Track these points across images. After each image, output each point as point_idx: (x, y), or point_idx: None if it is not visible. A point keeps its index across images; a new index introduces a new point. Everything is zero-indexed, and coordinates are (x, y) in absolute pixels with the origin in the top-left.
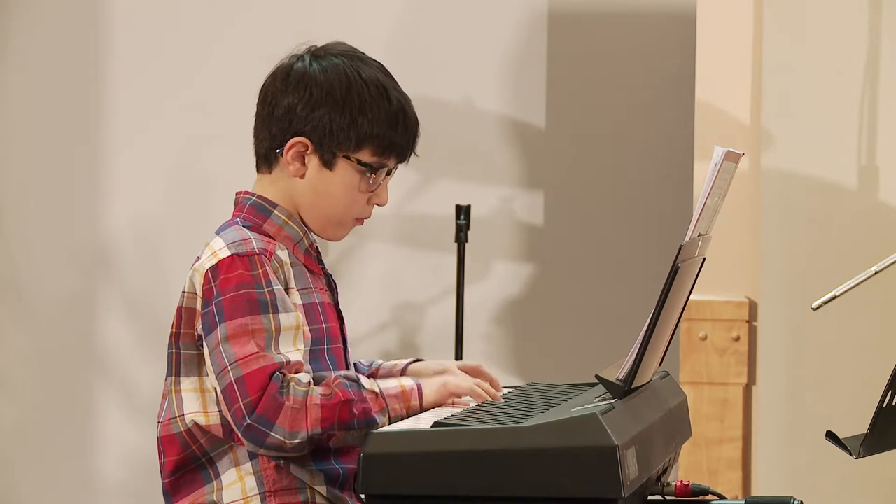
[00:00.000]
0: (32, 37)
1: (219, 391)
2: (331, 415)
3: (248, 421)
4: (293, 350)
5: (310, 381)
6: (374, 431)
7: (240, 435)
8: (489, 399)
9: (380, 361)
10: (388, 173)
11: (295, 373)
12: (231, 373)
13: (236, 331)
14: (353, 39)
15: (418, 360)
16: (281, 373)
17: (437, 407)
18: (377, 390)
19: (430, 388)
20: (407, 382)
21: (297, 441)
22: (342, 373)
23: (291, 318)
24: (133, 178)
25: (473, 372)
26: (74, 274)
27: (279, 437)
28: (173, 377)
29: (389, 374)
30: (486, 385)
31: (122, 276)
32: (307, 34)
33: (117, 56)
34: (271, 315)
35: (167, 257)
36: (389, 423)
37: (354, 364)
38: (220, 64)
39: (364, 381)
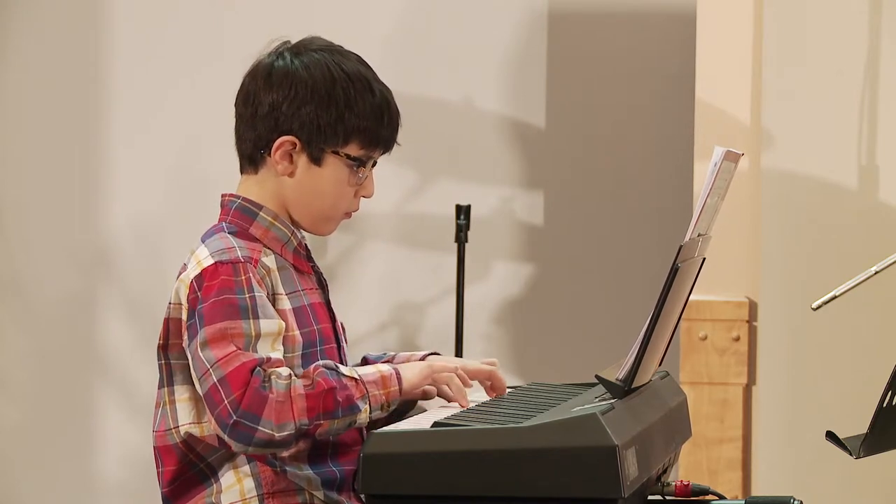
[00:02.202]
0: (32, 37)
1: (202, 395)
2: (316, 404)
3: (235, 418)
4: (272, 352)
5: (290, 374)
6: (374, 431)
7: (226, 436)
8: (463, 391)
9: (392, 353)
10: (374, 165)
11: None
12: (213, 374)
13: (215, 335)
14: (353, 39)
15: (434, 353)
16: (262, 368)
17: (421, 388)
18: (356, 376)
19: (412, 371)
20: (385, 368)
21: (285, 433)
22: (320, 362)
23: (273, 325)
24: (133, 178)
25: (485, 374)
26: (74, 274)
27: (267, 430)
28: (166, 388)
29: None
30: (478, 371)
31: (122, 276)
32: (308, 34)
33: (117, 56)
34: (251, 320)
35: (167, 257)
36: (371, 410)
37: (364, 357)
38: (220, 64)
39: (342, 368)
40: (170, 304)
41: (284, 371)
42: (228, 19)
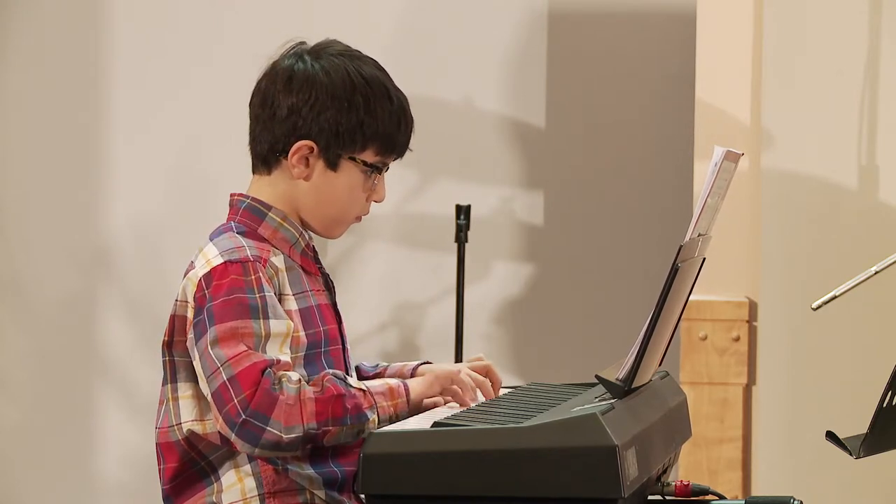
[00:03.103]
0: (32, 37)
1: (209, 395)
2: (325, 409)
3: (244, 416)
4: (281, 354)
5: (300, 379)
6: (374, 431)
7: (233, 435)
8: (470, 391)
9: (385, 364)
10: (386, 170)
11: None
12: (223, 373)
13: (226, 334)
14: (353, 39)
15: (426, 363)
16: (272, 370)
17: (428, 398)
18: (364, 388)
19: (417, 381)
20: (393, 381)
21: (293, 436)
22: (330, 371)
23: (282, 325)
24: (133, 178)
25: (482, 372)
26: (74, 274)
27: (275, 431)
28: (169, 385)
29: (398, 375)
30: (471, 379)
31: (122, 276)
32: (308, 34)
33: (117, 56)
34: (261, 320)
35: (167, 257)
36: (378, 422)
37: (357, 366)
38: (221, 64)
39: (350, 380)
40: (176, 301)
41: (294, 375)
42: (228, 19)
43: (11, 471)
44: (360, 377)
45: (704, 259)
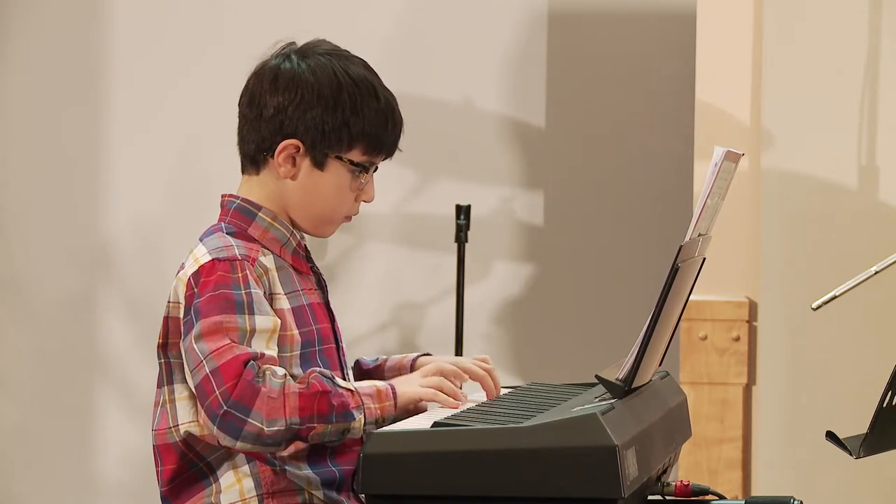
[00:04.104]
0: (32, 37)
1: (194, 389)
2: (309, 404)
3: (225, 408)
4: (267, 349)
5: (285, 374)
6: (375, 431)
7: (215, 428)
8: (456, 393)
9: (384, 357)
10: (375, 170)
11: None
12: (206, 366)
13: (210, 328)
14: (352, 39)
15: (426, 355)
16: (256, 362)
17: (416, 399)
18: (352, 388)
19: (406, 384)
20: (381, 384)
21: (275, 429)
22: (317, 369)
23: (267, 321)
24: (133, 178)
25: (477, 377)
26: (74, 274)
27: (256, 423)
28: (166, 386)
29: (397, 368)
30: (472, 372)
31: (122, 276)
32: (307, 34)
33: (117, 56)
34: (247, 315)
35: (167, 257)
36: (365, 422)
37: (357, 360)
38: (220, 64)
39: (338, 379)
40: (169, 302)
41: (280, 370)
42: (228, 19)
43: (11, 471)
44: (360, 370)
45: (704, 259)
